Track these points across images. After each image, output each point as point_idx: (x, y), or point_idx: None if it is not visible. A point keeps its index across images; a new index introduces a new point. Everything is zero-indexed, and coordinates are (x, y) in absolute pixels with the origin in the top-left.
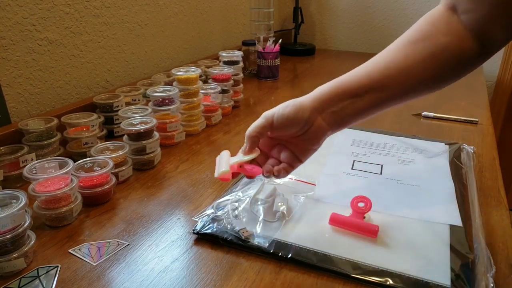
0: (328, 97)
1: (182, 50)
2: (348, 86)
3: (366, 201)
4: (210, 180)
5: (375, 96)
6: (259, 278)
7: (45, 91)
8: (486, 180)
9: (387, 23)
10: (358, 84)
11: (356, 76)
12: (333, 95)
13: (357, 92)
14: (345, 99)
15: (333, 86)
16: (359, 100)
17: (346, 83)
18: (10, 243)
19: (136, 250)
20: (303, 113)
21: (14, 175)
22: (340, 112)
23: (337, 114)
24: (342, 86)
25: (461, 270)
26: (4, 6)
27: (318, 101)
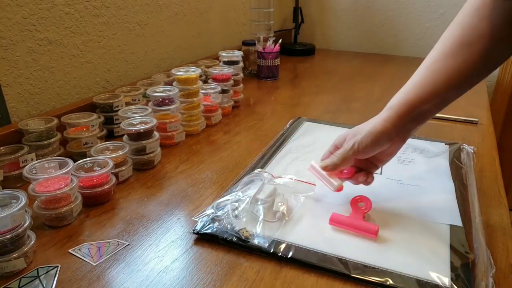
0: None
1: (182, 50)
2: (419, 104)
3: (366, 200)
4: (210, 180)
5: (441, 107)
6: (259, 278)
7: (45, 91)
8: (486, 180)
9: (387, 23)
10: (427, 101)
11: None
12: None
13: (428, 109)
14: (418, 117)
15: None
16: (428, 114)
17: (417, 102)
18: (10, 243)
19: (136, 250)
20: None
21: (14, 175)
22: (413, 128)
23: (411, 130)
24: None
25: (461, 270)
26: (4, 6)
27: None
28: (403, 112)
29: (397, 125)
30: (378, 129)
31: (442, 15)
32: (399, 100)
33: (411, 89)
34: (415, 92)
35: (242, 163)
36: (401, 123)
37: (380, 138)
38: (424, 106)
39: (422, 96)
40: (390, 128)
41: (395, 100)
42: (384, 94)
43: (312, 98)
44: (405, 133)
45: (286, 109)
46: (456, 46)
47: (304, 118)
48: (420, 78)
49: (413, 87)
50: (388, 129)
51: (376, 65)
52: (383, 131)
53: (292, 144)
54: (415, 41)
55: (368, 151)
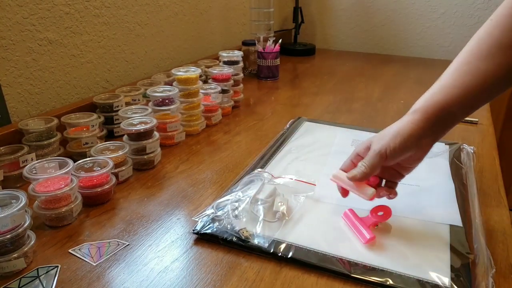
0: (431, 121)
1: (182, 50)
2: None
3: (386, 211)
4: (210, 180)
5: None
6: (259, 278)
7: (45, 91)
8: (486, 180)
9: (387, 23)
10: (455, 104)
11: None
12: (436, 119)
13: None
14: (446, 121)
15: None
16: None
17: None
18: (10, 243)
19: (136, 250)
20: (412, 143)
21: (14, 175)
22: (440, 131)
23: (438, 134)
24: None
25: (461, 270)
26: (4, 6)
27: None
28: (430, 114)
29: (425, 128)
30: (406, 132)
31: (442, 15)
32: (425, 102)
33: (439, 91)
34: (443, 94)
35: (242, 163)
36: (428, 125)
37: (408, 141)
38: (452, 109)
39: (450, 99)
40: (417, 131)
41: (421, 103)
42: (384, 94)
43: (312, 98)
44: (433, 136)
45: (286, 109)
46: (493, 48)
47: (304, 118)
48: (449, 80)
49: (441, 89)
50: (416, 131)
51: (376, 65)
52: (411, 133)
53: (292, 144)
54: (415, 41)
55: (397, 156)
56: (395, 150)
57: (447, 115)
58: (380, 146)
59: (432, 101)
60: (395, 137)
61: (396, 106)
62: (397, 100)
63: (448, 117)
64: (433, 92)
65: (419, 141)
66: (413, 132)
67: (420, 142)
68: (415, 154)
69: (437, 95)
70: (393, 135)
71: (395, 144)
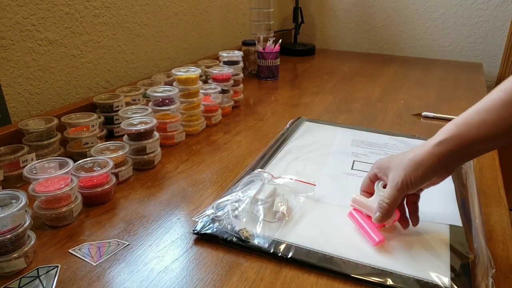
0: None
1: (182, 50)
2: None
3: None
4: (210, 180)
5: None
6: (259, 278)
7: (45, 91)
8: (486, 180)
9: (387, 23)
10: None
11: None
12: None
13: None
14: (471, 155)
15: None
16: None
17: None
18: (10, 243)
19: (136, 250)
20: (432, 175)
21: (14, 175)
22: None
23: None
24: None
25: (461, 270)
26: (4, 6)
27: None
28: (455, 150)
29: (448, 161)
30: (429, 164)
31: (442, 15)
32: (450, 135)
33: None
34: (472, 131)
35: (242, 163)
36: (452, 159)
37: (430, 173)
38: (479, 147)
39: (480, 137)
40: (440, 164)
41: (445, 134)
42: (384, 94)
43: (312, 98)
44: (454, 166)
45: (286, 109)
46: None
47: (304, 118)
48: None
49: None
50: (438, 164)
51: (376, 65)
52: (434, 166)
53: (292, 144)
54: (415, 41)
55: (417, 186)
56: (416, 182)
57: (473, 151)
58: (401, 179)
59: (459, 136)
60: (417, 169)
61: (396, 106)
62: (397, 100)
63: (473, 151)
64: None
65: (440, 171)
66: (436, 164)
67: (441, 172)
68: (434, 182)
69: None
70: (414, 167)
71: (416, 176)
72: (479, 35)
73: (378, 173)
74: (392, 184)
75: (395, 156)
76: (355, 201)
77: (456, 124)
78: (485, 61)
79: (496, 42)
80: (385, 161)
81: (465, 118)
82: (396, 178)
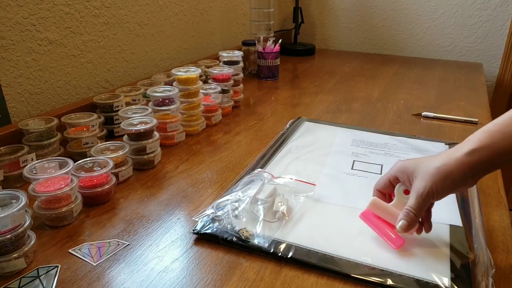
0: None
1: (182, 50)
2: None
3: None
4: (210, 180)
5: None
6: (259, 278)
7: (45, 91)
8: (486, 180)
9: (387, 23)
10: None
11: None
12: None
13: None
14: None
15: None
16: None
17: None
18: (10, 243)
19: (136, 250)
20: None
21: (14, 175)
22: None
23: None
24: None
25: (461, 270)
26: (4, 6)
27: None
28: (488, 159)
29: (475, 171)
30: (458, 174)
31: (442, 15)
32: (483, 144)
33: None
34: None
35: (242, 163)
36: (482, 168)
37: (457, 183)
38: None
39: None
40: (468, 174)
41: (478, 142)
42: (384, 94)
43: (312, 98)
44: (482, 176)
45: (286, 109)
46: None
47: (304, 118)
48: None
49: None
50: (466, 174)
51: (376, 65)
52: (462, 176)
53: (292, 144)
54: (415, 41)
55: (443, 196)
56: (443, 192)
57: (505, 159)
58: (428, 188)
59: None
60: (445, 179)
61: (396, 106)
62: (397, 100)
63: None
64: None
65: (468, 181)
66: (465, 174)
67: (469, 181)
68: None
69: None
70: (442, 176)
71: (443, 186)
72: (479, 35)
73: (401, 177)
74: (418, 193)
75: (420, 161)
76: (375, 205)
77: (489, 132)
78: (485, 61)
79: (496, 42)
80: (410, 166)
81: (499, 126)
82: (422, 187)
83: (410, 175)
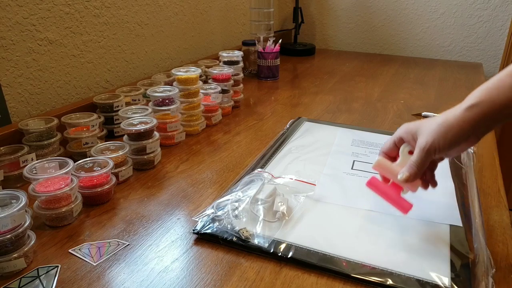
0: (484, 120)
1: (182, 50)
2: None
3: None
4: (210, 180)
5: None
6: (259, 278)
7: (45, 91)
8: (486, 180)
9: (387, 23)
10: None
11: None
12: (489, 118)
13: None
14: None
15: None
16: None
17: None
18: (10, 243)
19: (136, 250)
20: (460, 140)
21: (14, 175)
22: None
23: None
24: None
25: (461, 270)
26: (4, 6)
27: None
28: (487, 114)
29: (477, 126)
30: (459, 129)
31: (442, 15)
32: (481, 99)
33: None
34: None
35: (242, 163)
36: (482, 123)
37: (459, 138)
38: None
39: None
40: (470, 129)
41: (476, 98)
42: (384, 94)
43: (312, 98)
44: (483, 132)
45: (286, 109)
46: None
47: (304, 118)
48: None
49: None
50: (468, 129)
51: (376, 65)
52: (464, 131)
53: (292, 144)
54: (415, 41)
55: (445, 151)
56: (445, 146)
57: (501, 115)
58: (430, 142)
59: (491, 99)
60: (446, 133)
61: (396, 106)
62: (397, 100)
63: (504, 116)
64: (490, 89)
65: (470, 136)
66: (466, 129)
67: (470, 137)
68: (461, 148)
69: (494, 93)
70: (444, 130)
71: (445, 140)
72: (479, 35)
73: (406, 137)
74: (420, 147)
75: (424, 121)
76: (380, 164)
77: (487, 88)
78: (485, 61)
79: (496, 42)
80: (413, 126)
81: (496, 82)
82: (424, 142)
83: (414, 135)
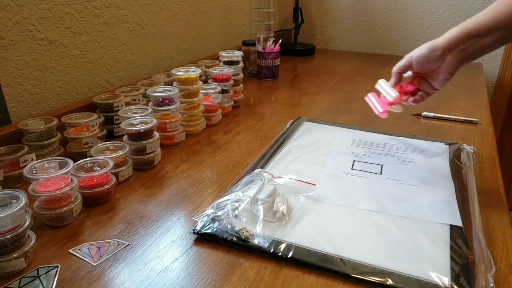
0: (457, 38)
1: (182, 50)
2: (475, 27)
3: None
4: (210, 180)
5: (500, 34)
6: (259, 278)
7: (45, 91)
8: (486, 180)
9: (387, 23)
10: (485, 26)
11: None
12: (461, 36)
13: (483, 33)
14: (472, 38)
15: (461, 28)
16: (484, 39)
17: (473, 25)
18: (10, 243)
19: (136, 250)
20: (435, 52)
21: (14, 175)
22: (467, 49)
23: (464, 51)
24: (469, 27)
25: (461, 270)
26: (4, 6)
27: (448, 42)
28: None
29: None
30: (433, 43)
31: (442, 15)
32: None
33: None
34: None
35: (242, 163)
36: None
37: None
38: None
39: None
40: (443, 44)
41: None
42: None
43: (312, 98)
44: (458, 54)
45: (286, 109)
46: None
47: (304, 118)
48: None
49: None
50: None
51: (376, 65)
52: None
53: (292, 144)
54: (415, 41)
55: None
56: (421, 56)
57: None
58: (412, 53)
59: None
60: (423, 46)
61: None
62: None
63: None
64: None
65: (443, 54)
66: (439, 44)
67: (444, 55)
68: (441, 67)
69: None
70: (423, 46)
71: (420, 51)
72: None
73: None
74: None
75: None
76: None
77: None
78: (485, 61)
79: None
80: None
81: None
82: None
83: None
